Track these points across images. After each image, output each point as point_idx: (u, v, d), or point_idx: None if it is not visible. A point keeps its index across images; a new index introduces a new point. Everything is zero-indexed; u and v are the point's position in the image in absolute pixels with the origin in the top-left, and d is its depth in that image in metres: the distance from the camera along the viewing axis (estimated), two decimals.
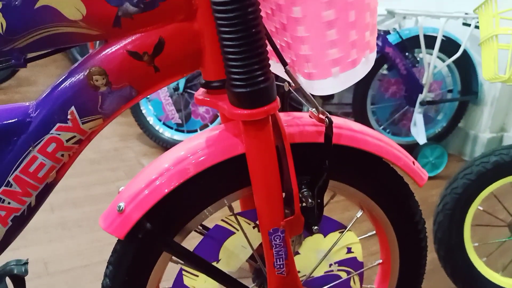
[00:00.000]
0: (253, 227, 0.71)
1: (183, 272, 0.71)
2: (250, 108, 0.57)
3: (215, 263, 0.71)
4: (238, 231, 0.71)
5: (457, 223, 1.17)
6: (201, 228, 0.76)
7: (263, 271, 0.72)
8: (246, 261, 0.74)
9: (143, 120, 2.11)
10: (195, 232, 0.72)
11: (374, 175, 0.73)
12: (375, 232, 0.83)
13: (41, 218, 0.56)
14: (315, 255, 0.77)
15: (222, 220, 0.71)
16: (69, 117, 0.57)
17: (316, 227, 0.68)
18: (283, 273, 0.67)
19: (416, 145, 1.93)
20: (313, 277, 0.78)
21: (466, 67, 1.99)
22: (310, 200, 0.65)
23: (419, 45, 1.85)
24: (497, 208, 1.22)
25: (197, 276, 0.71)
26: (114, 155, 2.05)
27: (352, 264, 0.80)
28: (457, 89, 2.04)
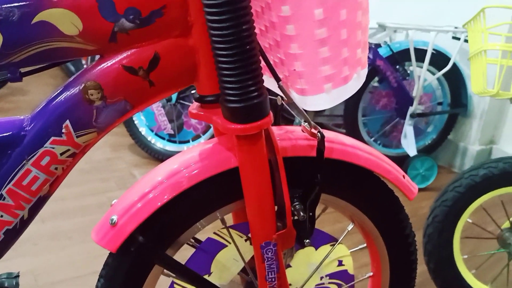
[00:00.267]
0: (245, 240, 0.72)
1: (175, 285, 0.71)
2: (243, 122, 0.57)
3: (207, 276, 0.71)
4: (230, 244, 0.71)
5: (447, 236, 1.18)
6: (193, 241, 0.76)
7: (255, 284, 0.72)
8: (237, 274, 0.75)
9: (135, 130, 2.11)
10: (187, 245, 0.72)
11: (365, 188, 0.74)
12: (365, 245, 0.84)
13: (31, 229, 0.55)
14: (307, 268, 0.78)
15: (214, 233, 0.71)
16: (63, 130, 0.57)
17: (307, 240, 0.68)
18: (274, 286, 0.68)
19: (406, 157, 1.95)
20: None
21: (455, 80, 2.02)
22: (302, 213, 0.66)
23: (409, 58, 1.88)
24: (486, 220, 1.24)
25: None
26: (105, 166, 2.05)
27: (343, 277, 0.80)
28: (447, 102, 2.07)
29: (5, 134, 0.57)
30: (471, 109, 2.05)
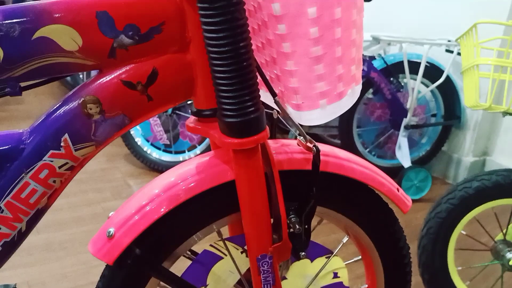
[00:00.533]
0: (241, 252, 0.72)
1: None
2: (240, 137, 0.58)
3: None
4: (226, 256, 0.72)
5: (441, 247, 1.19)
6: (190, 253, 0.77)
7: None
8: (233, 286, 0.75)
9: (131, 140, 2.11)
10: (184, 257, 0.73)
11: (359, 201, 0.75)
12: (360, 257, 0.84)
13: (26, 239, 0.55)
14: (302, 280, 0.78)
15: (210, 245, 0.71)
16: (62, 144, 0.58)
17: (303, 253, 0.69)
18: None
19: (401, 168, 1.96)
20: None
21: (449, 93, 2.04)
22: (297, 226, 0.67)
23: (403, 70, 1.90)
24: (479, 232, 1.25)
25: None
26: (100, 176, 2.04)
27: None
28: (441, 114, 2.09)
29: (4, 147, 0.58)
30: (465, 121, 2.07)
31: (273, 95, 0.61)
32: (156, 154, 2.12)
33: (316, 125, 2.22)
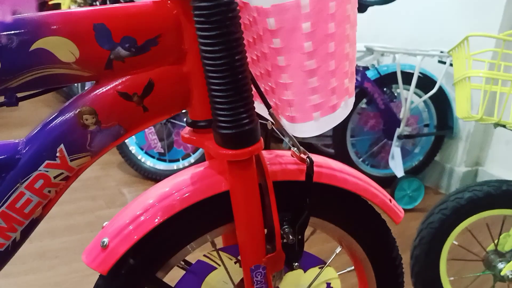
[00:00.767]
0: (235, 263, 0.73)
1: None
2: (235, 148, 0.59)
3: None
4: (220, 266, 0.72)
5: (434, 257, 1.20)
6: (184, 263, 0.77)
7: None
8: None
9: (125, 148, 2.11)
10: (177, 267, 0.73)
11: (352, 212, 0.76)
12: (353, 267, 0.85)
13: None
14: None
15: (204, 255, 0.72)
16: (57, 154, 0.58)
17: (296, 263, 0.69)
18: None
19: (394, 178, 1.97)
20: None
21: (441, 103, 2.06)
22: (291, 236, 0.67)
23: (396, 81, 1.92)
24: (471, 242, 1.26)
25: None
26: (94, 184, 2.04)
27: None
28: (433, 124, 2.11)
29: (0, 157, 0.58)
30: (457, 131, 2.09)
31: (268, 107, 0.62)
32: (150, 162, 2.12)
33: None
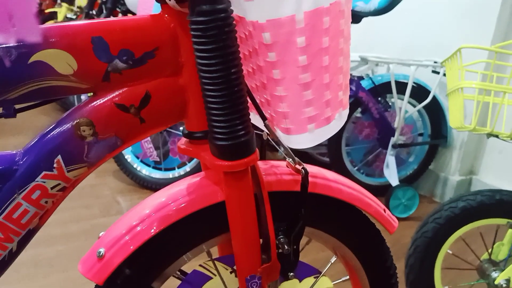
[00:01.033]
0: (230, 272, 0.73)
1: None
2: (231, 159, 0.60)
3: None
4: (215, 276, 0.72)
5: (428, 266, 1.20)
6: (179, 273, 0.77)
7: None
8: None
9: (120, 157, 2.11)
10: (173, 277, 0.73)
11: (347, 222, 0.77)
12: (348, 277, 0.86)
13: None
14: None
15: (200, 265, 0.72)
16: (55, 165, 0.59)
17: (292, 273, 0.70)
18: None
19: (389, 186, 1.98)
20: None
21: (435, 112, 2.08)
22: (286, 246, 0.68)
23: (390, 90, 1.94)
24: (466, 251, 1.27)
25: None
26: (89, 192, 2.04)
27: None
28: (427, 133, 2.13)
29: None
30: (451, 140, 2.11)
31: (263, 118, 0.63)
32: (145, 171, 2.12)
33: None
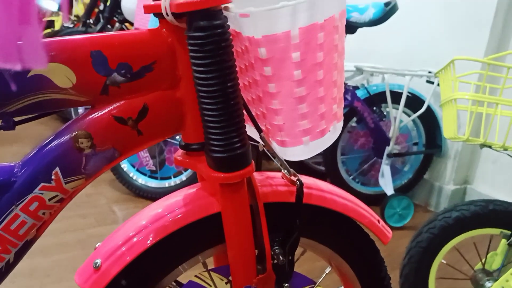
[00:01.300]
0: (226, 283, 0.73)
1: None
2: (227, 171, 0.61)
3: None
4: (211, 287, 0.73)
5: (422, 276, 1.21)
6: (175, 284, 0.78)
7: None
8: None
9: (116, 166, 2.11)
10: None
11: (341, 233, 0.77)
12: (343, 287, 0.86)
13: None
14: None
15: (195, 276, 0.73)
16: (53, 177, 0.60)
17: (287, 284, 0.71)
18: None
19: (384, 195, 1.99)
20: None
21: (430, 122, 2.09)
22: (281, 257, 0.69)
23: (385, 100, 1.95)
24: (460, 261, 1.27)
25: None
26: (85, 201, 2.03)
27: None
28: (422, 142, 2.14)
29: None
30: (446, 149, 2.12)
31: (259, 131, 0.64)
32: (142, 180, 2.12)
33: None
